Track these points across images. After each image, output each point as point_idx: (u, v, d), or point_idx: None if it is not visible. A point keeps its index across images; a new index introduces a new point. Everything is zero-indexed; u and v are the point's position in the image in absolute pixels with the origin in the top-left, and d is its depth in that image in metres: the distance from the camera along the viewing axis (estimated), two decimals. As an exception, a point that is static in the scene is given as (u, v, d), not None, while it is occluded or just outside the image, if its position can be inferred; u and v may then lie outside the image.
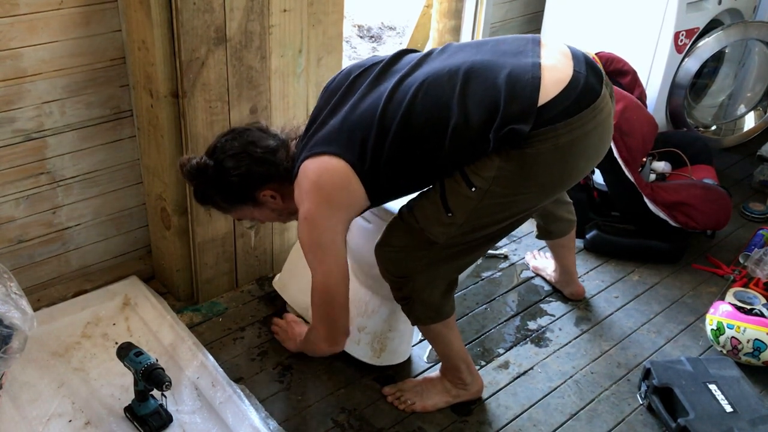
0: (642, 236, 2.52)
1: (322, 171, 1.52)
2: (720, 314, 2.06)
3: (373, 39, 4.81)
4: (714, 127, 3.32)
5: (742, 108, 3.37)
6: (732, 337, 2.01)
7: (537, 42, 1.53)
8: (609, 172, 2.51)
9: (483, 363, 2.01)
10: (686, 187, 2.50)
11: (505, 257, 2.49)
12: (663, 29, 2.76)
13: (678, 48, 2.83)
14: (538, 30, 3.10)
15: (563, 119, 1.43)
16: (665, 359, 1.98)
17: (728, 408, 1.76)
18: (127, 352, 1.66)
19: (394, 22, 4.99)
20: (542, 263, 2.40)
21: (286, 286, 2.12)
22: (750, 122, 3.35)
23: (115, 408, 1.74)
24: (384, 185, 1.55)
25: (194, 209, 1.97)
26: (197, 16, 1.73)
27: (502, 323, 2.17)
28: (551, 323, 2.19)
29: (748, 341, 1.99)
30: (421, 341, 2.07)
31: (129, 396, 1.72)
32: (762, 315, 2.04)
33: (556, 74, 1.45)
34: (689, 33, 2.86)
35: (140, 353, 1.65)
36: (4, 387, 1.73)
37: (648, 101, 2.80)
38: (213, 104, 1.86)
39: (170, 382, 1.61)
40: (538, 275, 2.40)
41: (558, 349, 2.08)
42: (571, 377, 1.98)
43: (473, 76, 1.46)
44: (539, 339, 2.12)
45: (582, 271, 2.41)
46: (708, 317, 2.11)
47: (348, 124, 1.52)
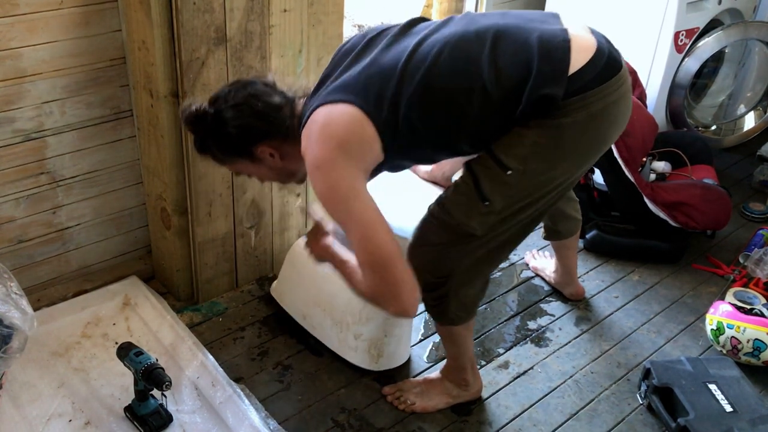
0: (642, 236, 2.52)
1: (334, 116, 1.43)
2: (720, 314, 2.06)
3: (373, 39, 4.81)
4: (714, 127, 3.32)
5: (742, 108, 3.37)
6: (732, 337, 2.01)
7: (557, 16, 1.53)
8: (609, 172, 2.51)
9: (483, 363, 2.01)
10: (686, 187, 2.50)
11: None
12: (663, 29, 2.76)
13: (678, 48, 2.83)
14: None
15: (594, 87, 1.43)
16: (665, 359, 1.98)
17: (728, 408, 1.76)
18: (127, 352, 1.66)
19: (394, 22, 4.99)
20: (542, 263, 2.40)
21: (283, 294, 2.12)
22: (750, 122, 3.35)
23: (115, 408, 1.74)
24: (400, 140, 1.45)
25: (194, 209, 1.97)
26: (197, 16, 1.73)
27: (502, 323, 2.17)
28: (551, 323, 2.19)
29: (748, 341, 1.99)
30: (421, 341, 2.08)
31: (129, 396, 1.72)
32: (762, 315, 2.04)
33: (583, 43, 1.45)
34: (689, 33, 2.86)
35: (140, 353, 1.65)
36: (5, 387, 1.73)
37: (648, 101, 2.80)
38: (213, 104, 1.86)
39: (170, 382, 1.61)
40: (538, 275, 2.40)
41: (558, 349, 2.08)
42: (571, 377, 1.98)
43: (503, 36, 1.43)
44: (539, 339, 2.12)
45: (582, 271, 2.41)
46: (708, 317, 2.11)
47: (365, 76, 1.45)
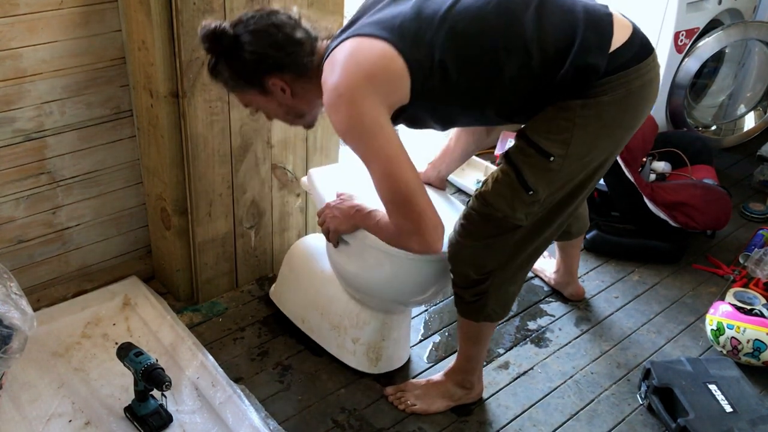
0: (642, 236, 2.52)
1: (364, 47, 1.36)
2: (720, 314, 2.06)
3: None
4: (714, 127, 3.32)
5: (742, 108, 3.37)
6: (732, 338, 2.01)
7: None
8: (609, 173, 2.48)
9: (483, 363, 2.00)
10: (686, 187, 2.50)
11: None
12: (663, 29, 2.77)
13: (678, 48, 2.83)
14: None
15: (634, 64, 1.43)
16: (665, 359, 1.98)
17: (728, 408, 1.76)
18: (127, 352, 1.66)
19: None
20: (541, 264, 2.40)
21: (282, 298, 2.12)
22: (750, 122, 3.35)
23: (115, 408, 1.74)
24: (430, 84, 1.39)
25: (194, 209, 1.97)
26: (197, 16, 1.73)
27: (502, 323, 2.17)
28: (551, 323, 2.19)
29: (748, 341, 1.99)
30: (421, 341, 2.08)
31: (129, 396, 1.72)
32: (762, 315, 2.04)
33: (622, 21, 1.46)
34: (689, 33, 2.86)
35: (140, 353, 1.65)
36: (5, 387, 1.73)
37: (648, 101, 2.79)
38: (213, 104, 1.86)
39: (170, 382, 1.61)
40: (537, 276, 2.39)
41: (558, 350, 2.08)
42: (571, 377, 1.98)
43: (548, 0, 1.41)
44: (539, 339, 2.12)
45: (582, 271, 2.41)
46: (708, 317, 2.11)
47: (401, 19, 1.38)
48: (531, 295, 2.31)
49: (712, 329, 2.07)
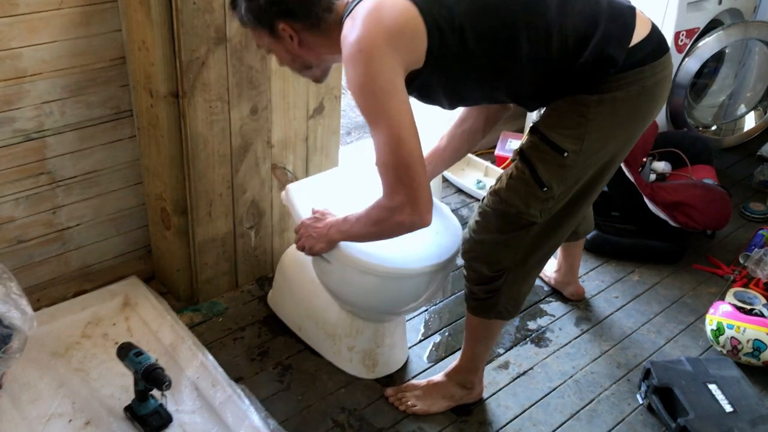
0: (642, 236, 2.52)
1: (386, 4, 1.34)
2: (720, 314, 2.06)
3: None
4: (714, 127, 3.32)
5: (743, 108, 3.37)
6: (732, 337, 2.01)
7: None
8: (609, 172, 2.50)
9: (486, 363, 2.00)
10: (686, 187, 2.50)
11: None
12: (663, 29, 2.73)
13: (678, 48, 2.83)
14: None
15: (650, 61, 1.43)
16: (665, 359, 1.98)
17: (728, 408, 1.76)
18: (127, 352, 1.66)
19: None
20: (542, 263, 2.40)
21: (279, 305, 2.12)
22: (750, 122, 3.35)
23: (115, 408, 1.74)
24: (446, 50, 1.37)
25: (194, 209, 1.97)
26: (197, 16, 1.73)
27: (502, 323, 2.17)
28: (551, 323, 2.19)
29: (748, 341, 1.99)
30: (421, 341, 2.08)
31: (129, 396, 1.72)
32: (762, 315, 2.04)
33: (643, 16, 1.46)
34: (689, 33, 2.86)
35: (140, 353, 1.65)
36: (4, 387, 1.73)
37: (648, 101, 2.79)
38: (213, 104, 1.86)
39: (170, 382, 1.61)
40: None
41: (558, 349, 2.08)
42: (571, 377, 1.98)
43: None
44: (539, 339, 2.12)
45: (582, 271, 2.41)
46: (708, 317, 2.11)
47: None
48: (531, 295, 2.30)
49: (712, 329, 2.07)
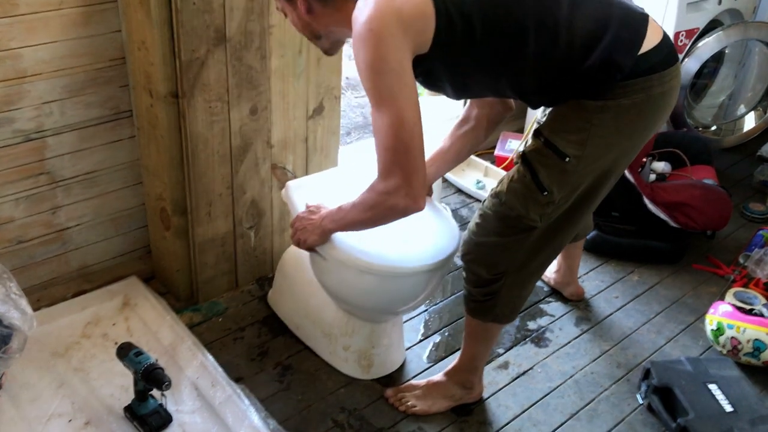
0: (642, 236, 2.52)
1: None
2: (720, 314, 2.06)
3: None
4: (714, 128, 3.32)
5: (742, 108, 3.37)
6: (732, 337, 2.01)
7: None
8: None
9: (485, 363, 2.00)
10: (686, 188, 2.50)
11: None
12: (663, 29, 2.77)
13: (678, 48, 2.83)
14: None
15: (659, 71, 1.43)
16: (665, 359, 1.98)
17: (728, 408, 1.76)
18: (127, 352, 1.66)
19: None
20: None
21: (278, 304, 2.12)
22: (750, 122, 3.36)
23: (115, 408, 1.74)
24: (452, 36, 1.36)
25: (194, 209, 1.97)
26: (197, 17, 1.73)
27: (502, 323, 2.17)
28: (551, 323, 2.19)
29: (748, 341, 1.99)
30: (421, 341, 2.07)
31: (129, 396, 1.71)
32: (762, 315, 2.04)
33: (655, 25, 1.45)
34: (689, 33, 2.86)
35: (140, 353, 1.65)
36: (4, 387, 1.73)
37: (648, 101, 2.79)
38: (213, 104, 1.86)
39: (170, 382, 1.61)
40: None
41: (558, 349, 2.08)
42: (571, 377, 1.98)
43: None
44: (539, 339, 2.12)
45: (582, 271, 2.40)
46: (708, 317, 2.10)
47: None
48: (531, 295, 2.29)
49: (712, 329, 2.07)
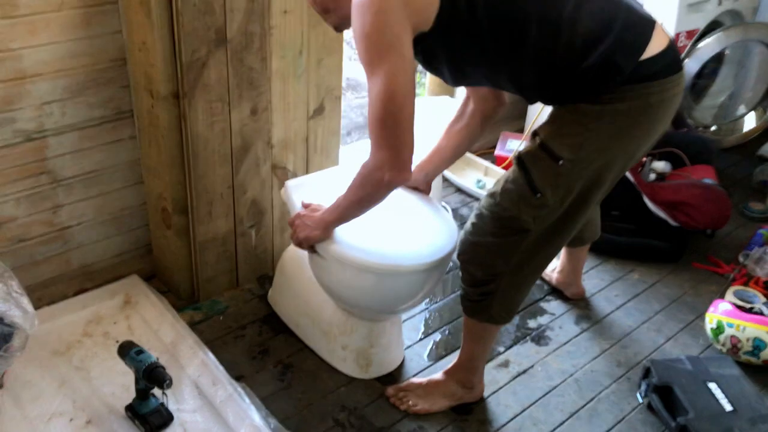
0: (642, 235, 2.53)
1: None
2: (720, 313, 2.06)
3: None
4: (714, 128, 3.32)
5: (742, 108, 3.37)
6: (732, 336, 2.01)
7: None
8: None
9: (485, 363, 2.01)
10: (686, 187, 2.50)
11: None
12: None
13: (678, 49, 2.83)
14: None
15: (660, 78, 1.42)
16: (665, 358, 1.98)
17: (728, 407, 1.76)
18: (128, 351, 1.66)
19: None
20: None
21: (278, 303, 2.12)
22: (750, 123, 3.36)
23: (116, 406, 1.74)
24: (455, 19, 1.36)
25: (195, 209, 1.98)
26: (198, 18, 1.73)
27: (502, 322, 2.17)
28: (551, 322, 2.19)
29: (748, 340, 1.99)
30: (421, 339, 2.08)
31: (130, 394, 1.72)
32: (762, 314, 2.04)
33: (662, 31, 1.45)
34: (689, 34, 2.86)
35: (141, 352, 1.65)
36: (5, 386, 1.74)
37: (648, 101, 2.80)
38: (213, 105, 1.87)
39: (171, 381, 1.61)
40: (538, 275, 2.40)
41: (558, 348, 2.09)
42: (571, 376, 1.99)
43: None
44: (539, 337, 2.12)
45: (582, 270, 2.41)
46: (708, 316, 2.11)
47: None
48: (531, 293, 2.31)
49: (712, 328, 2.07)
